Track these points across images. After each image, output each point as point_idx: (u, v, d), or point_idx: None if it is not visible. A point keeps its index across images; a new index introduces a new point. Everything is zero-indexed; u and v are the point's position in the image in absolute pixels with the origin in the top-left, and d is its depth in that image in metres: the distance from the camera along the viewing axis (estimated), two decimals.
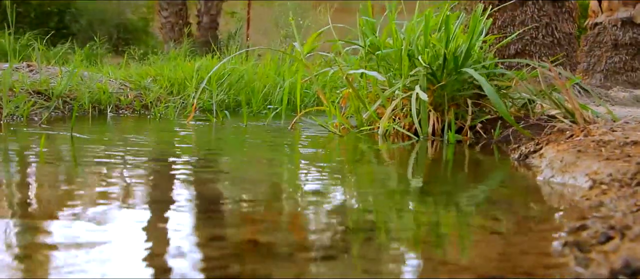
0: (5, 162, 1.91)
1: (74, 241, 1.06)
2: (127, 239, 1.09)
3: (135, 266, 0.95)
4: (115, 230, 1.15)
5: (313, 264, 1.00)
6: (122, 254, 1.01)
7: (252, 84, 4.48)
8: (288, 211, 1.38)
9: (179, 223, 1.23)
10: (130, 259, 0.99)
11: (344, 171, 2.12)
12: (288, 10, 6.51)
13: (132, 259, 0.99)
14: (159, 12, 12.73)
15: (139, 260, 0.98)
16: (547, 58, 5.97)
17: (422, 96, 2.93)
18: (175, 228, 1.19)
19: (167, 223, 1.22)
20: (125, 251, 1.03)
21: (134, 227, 1.18)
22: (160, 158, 2.17)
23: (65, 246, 1.03)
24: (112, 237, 1.10)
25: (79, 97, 3.56)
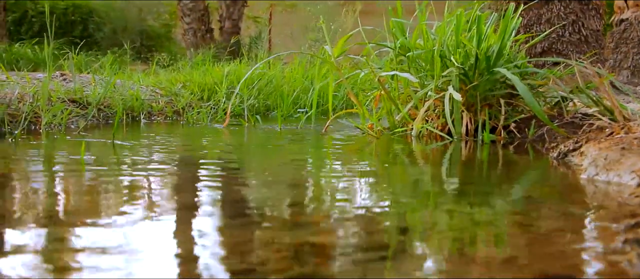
0: (59, 169, 1.95)
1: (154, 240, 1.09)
2: (188, 241, 1.12)
3: (211, 265, 0.97)
4: (178, 232, 1.18)
5: (373, 264, 1.02)
6: (189, 255, 1.03)
7: (281, 88, 4.50)
8: (337, 213, 1.40)
9: (233, 226, 1.25)
10: (199, 259, 1.01)
11: (386, 173, 2.13)
12: (315, 14, 6.53)
13: (201, 259, 1.01)
14: (181, 18, 12.81)
15: (210, 260, 1.00)
16: (574, 56, 5.93)
17: (456, 96, 2.94)
18: (233, 231, 1.21)
19: (226, 228, 1.24)
20: (189, 252, 1.05)
21: (194, 231, 1.21)
22: (205, 163, 2.20)
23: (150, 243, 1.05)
24: (185, 239, 1.12)
25: (113, 105, 3.60)
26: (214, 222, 1.28)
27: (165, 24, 14.58)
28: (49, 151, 2.40)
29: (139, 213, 1.34)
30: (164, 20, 14.61)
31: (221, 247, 1.10)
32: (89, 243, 1.08)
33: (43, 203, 1.43)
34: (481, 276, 0.96)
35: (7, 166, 1.99)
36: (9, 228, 1.18)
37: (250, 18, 13.97)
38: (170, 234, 1.18)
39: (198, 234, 1.18)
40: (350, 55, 3.75)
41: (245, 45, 11.06)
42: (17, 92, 3.25)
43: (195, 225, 1.25)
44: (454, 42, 3.23)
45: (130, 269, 0.95)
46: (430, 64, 3.30)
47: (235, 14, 12.82)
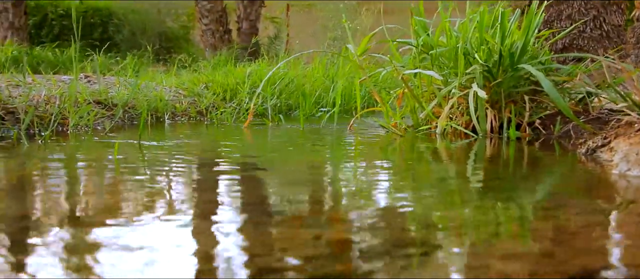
0: (93, 169, 1.97)
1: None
2: (229, 239, 1.13)
3: (244, 261, 0.99)
4: (219, 232, 1.19)
5: (412, 260, 1.02)
6: (229, 252, 1.04)
7: (302, 88, 4.51)
8: (371, 211, 1.40)
9: (269, 223, 1.26)
10: (240, 256, 1.02)
11: (416, 170, 2.14)
12: (332, 13, 6.54)
13: (243, 255, 1.02)
14: (200, 20, 12.85)
15: (251, 256, 1.02)
16: (596, 51, 5.89)
17: (480, 94, 2.93)
18: (270, 229, 1.22)
19: (264, 225, 1.26)
20: (231, 249, 1.06)
21: (235, 227, 1.22)
22: (237, 162, 2.21)
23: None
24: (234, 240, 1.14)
25: (137, 106, 3.63)
26: (255, 219, 1.30)
27: (184, 26, 14.63)
28: (81, 152, 2.43)
29: (179, 210, 1.36)
30: (182, 22, 14.67)
31: (262, 244, 1.12)
32: (135, 239, 1.10)
33: (84, 202, 1.45)
34: (522, 269, 0.97)
35: (43, 167, 2.02)
36: (54, 226, 1.20)
37: (268, 19, 13.97)
38: (214, 231, 1.19)
39: (243, 231, 1.20)
40: (373, 54, 3.75)
41: (265, 45, 11.07)
42: (44, 94, 3.28)
43: (239, 223, 1.27)
44: (477, 39, 3.22)
45: (175, 262, 0.96)
46: (453, 62, 3.30)
47: (253, 14, 12.84)
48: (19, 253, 1.02)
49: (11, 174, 1.87)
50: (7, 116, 2.97)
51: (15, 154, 2.27)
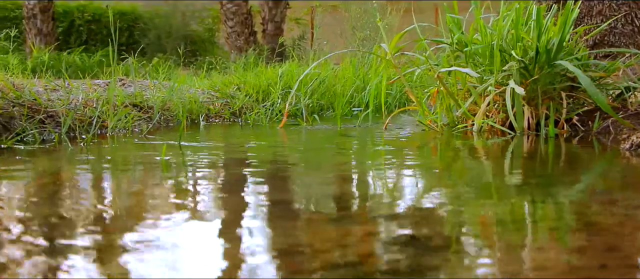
0: (142, 169, 1.99)
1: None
2: (285, 235, 1.14)
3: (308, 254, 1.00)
4: (272, 230, 1.20)
5: (473, 256, 1.03)
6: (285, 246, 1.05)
7: (334, 88, 4.52)
8: (426, 207, 1.41)
9: (327, 220, 1.27)
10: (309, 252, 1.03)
11: (464, 167, 2.14)
12: (361, 13, 6.53)
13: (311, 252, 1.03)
14: (225, 22, 12.92)
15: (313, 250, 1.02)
16: (628, 47, 5.82)
17: (518, 90, 2.91)
18: (329, 225, 1.23)
19: (328, 223, 1.27)
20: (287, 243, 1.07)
21: (291, 223, 1.23)
22: (278, 161, 2.23)
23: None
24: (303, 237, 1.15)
25: (172, 108, 3.66)
26: (313, 217, 1.31)
27: (209, 29, 14.72)
28: (125, 153, 2.46)
29: (231, 207, 1.38)
30: (207, 25, 14.76)
31: (322, 240, 1.12)
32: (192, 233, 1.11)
33: (140, 200, 1.47)
34: (591, 263, 0.96)
35: (94, 168, 2.05)
36: (114, 223, 1.22)
37: (292, 20, 14.02)
38: (274, 227, 1.21)
39: (303, 228, 1.21)
40: (406, 53, 3.74)
41: (295, 46, 11.09)
42: (82, 98, 3.33)
43: (299, 220, 1.28)
44: (512, 36, 3.20)
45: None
46: (488, 59, 3.28)
47: (278, 16, 12.89)
48: (91, 250, 1.04)
49: (66, 175, 1.90)
50: (47, 120, 3.01)
51: (62, 156, 2.31)
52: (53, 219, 1.27)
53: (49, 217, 1.29)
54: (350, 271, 0.93)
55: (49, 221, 1.26)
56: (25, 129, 2.73)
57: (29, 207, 1.40)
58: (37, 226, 1.21)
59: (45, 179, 1.85)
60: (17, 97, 3.02)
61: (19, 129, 2.71)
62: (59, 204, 1.45)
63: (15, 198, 1.52)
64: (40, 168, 2.06)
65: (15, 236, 1.12)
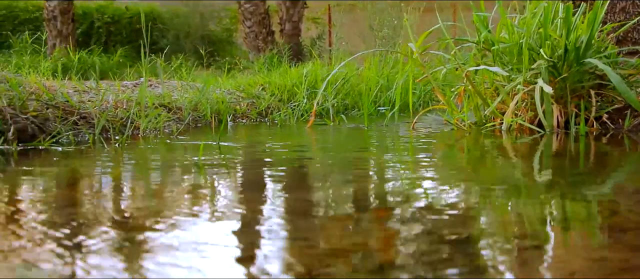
0: (181, 169, 2.02)
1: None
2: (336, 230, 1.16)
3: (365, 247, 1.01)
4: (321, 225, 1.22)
5: (532, 253, 1.04)
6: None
7: (358, 87, 4.54)
8: (471, 205, 1.42)
9: (374, 218, 1.29)
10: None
11: (500, 165, 2.14)
12: (379, 12, 6.55)
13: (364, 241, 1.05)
14: (243, 22, 12.96)
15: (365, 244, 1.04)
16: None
17: (547, 89, 2.92)
18: (378, 223, 1.25)
19: (376, 221, 1.28)
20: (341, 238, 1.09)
21: (345, 222, 1.25)
22: (318, 161, 2.25)
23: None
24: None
25: (200, 109, 3.70)
26: (361, 216, 1.32)
27: (227, 29, 14.79)
28: (162, 153, 2.49)
29: (272, 203, 1.40)
30: (225, 25, 14.83)
31: (366, 235, 1.14)
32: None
33: (184, 198, 1.50)
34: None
35: (135, 168, 2.08)
36: (160, 221, 1.24)
37: (310, 19, 14.05)
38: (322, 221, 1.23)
39: (352, 225, 1.23)
40: (433, 52, 3.75)
41: (313, 46, 11.11)
42: (112, 100, 3.37)
43: (343, 215, 1.30)
44: (541, 35, 3.21)
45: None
46: (516, 58, 3.29)
47: (296, 15, 12.91)
48: (140, 246, 1.07)
49: (109, 175, 1.93)
50: (80, 121, 3.05)
51: (103, 157, 2.34)
52: (117, 216, 1.30)
53: (118, 213, 1.32)
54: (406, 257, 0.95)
55: (117, 216, 1.28)
56: (61, 131, 2.77)
57: (85, 206, 1.43)
58: (103, 221, 1.24)
59: (95, 179, 1.88)
60: (50, 99, 3.06)
61: (55, 131, 2.75)
62: (120, 202, 1.48)
63: (74, 197, 1.55)
64: (87, 168, 2.10)
65: (73, 234, 1.15)
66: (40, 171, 2.05)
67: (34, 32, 13.10)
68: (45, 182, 1.83)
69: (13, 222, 1.29)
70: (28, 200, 1.54)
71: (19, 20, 13.82)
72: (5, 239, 1.14)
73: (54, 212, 1.39)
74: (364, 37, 6.53)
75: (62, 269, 0.94)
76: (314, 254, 1.03)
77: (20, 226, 1.24)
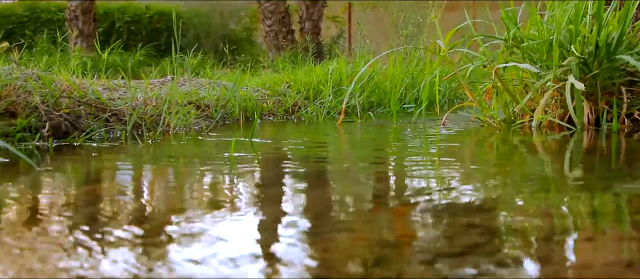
0: (220, 165, 2.04)
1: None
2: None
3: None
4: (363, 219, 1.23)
5: (570, 246, 1.04)
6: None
7: (383, 85, 4.54)
8: (508, 200, 1.42)
9: (421, 212, 1.29)
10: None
11: (537, 162, 2.14)
12: (401, 10, 6.54)
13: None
14: (263, 21, 13.01)
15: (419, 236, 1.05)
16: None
17: (578, 85, 2.90)
18: (424, 216, 1.25)
19: (424, 215, 1.29)
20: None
21: (387, 214, 1.26)
22: (358, 157, 2.25)
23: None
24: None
25: (227, 106, 3.72)
26: (402, 209, 1.33)
27: (247, 28, 14.84)
28: (198, 150, 2.51)
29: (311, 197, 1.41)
30: (245, 24, 14.88)
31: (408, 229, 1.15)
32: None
33: (223, 193, 1.51)
34: None
35: (174, 165, 2.11)
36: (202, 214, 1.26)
37: (330, 18, 14.06)
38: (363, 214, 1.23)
39: (391, 218, 1.23)
40: (460, 49, 3.74)
41: (333, 45, 11.13)
42: (142, 97, 3.39)
43: (389, 211, 1.30)
44: (571, 31, 3.19)
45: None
46: (546, 54, 3.27)
47: (315, 14, 12.94)
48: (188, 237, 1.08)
49: (152, 170, 1.96)
50: (111, 118, 3.08)
51: (140, 153, 2.36)
52: (163, 207, 1.32)
53: (170, 206, 1.33)
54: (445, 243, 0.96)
55: (180, 206, 1.30)
56: (93, 128, 2.79)
57: (146, 198, 1.45)
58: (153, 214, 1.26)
59: (137, 173, 1.91)
60: (81, 97, 3.09)
61: (88, 128, 2.78)
62: (180, 194, 1.50)
63: (122, 191, 1.58)
64: (126, 164, 2.12)
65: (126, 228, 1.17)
66: (88, 165, 2.09)
67: (55, 32, 13.25)
68: (100, 176, 1.87)
69: (87, 210, 1.31)
70: (102, 191, 1.57)
71: (41, 21, 13.95)
72: (89, 223, 1.16)
73: (123, 202, 1.41)
74: (388, 35, 6.53)
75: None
76: (366, 245, 1.04)
77: (94, 218, 1.26)
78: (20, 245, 1.06)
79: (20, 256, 1.00)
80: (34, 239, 1.09)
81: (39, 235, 1.13)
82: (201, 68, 5.43)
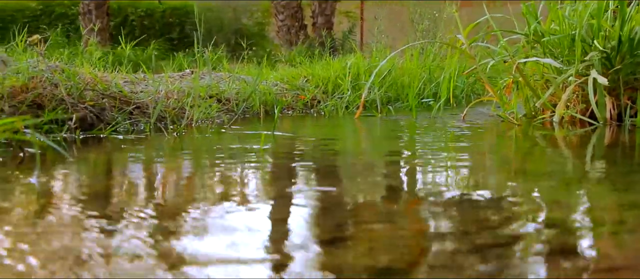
0: (249, 158, 2.05)
1: None
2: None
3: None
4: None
5: (615, 239, 1.05)
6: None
7: (400, 80, 4.55)
8: (545, 195, 1.43)
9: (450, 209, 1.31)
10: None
11: (565, 158, 2.15)
12: (418, 5, 6.54)
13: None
14: (275, 16, 13.02)
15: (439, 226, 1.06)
16: None
17: (601, 80, 2.90)
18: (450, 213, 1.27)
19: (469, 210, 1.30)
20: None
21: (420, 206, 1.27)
22: (381, 152, 2.27)
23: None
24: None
25: (250, 99, 3.73)
26: (434, 201, 1.34)
27: (259, 23, 14.86)
28: (223, 142, 2.52)
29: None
30: (257, 19, 14.90)
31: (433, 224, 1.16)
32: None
33: (256, 185, 1.53)
34: None
35: (208, 157, 2.12)
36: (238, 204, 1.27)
37: (342, 13, 14.06)
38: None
39: (426, 216, 1.24)
40: (481, 44, 3.74)
41: (345, 39, 11.13)
42: (164, 91, 3.41)
43: (423, 203, 1.32)
44: (593, 26, 3.18)
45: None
46: (567, 49, 3.27)
47: (328, 9, 12.93)
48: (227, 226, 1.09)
49: (189, 161, 1.98)
50: (134, 111, 3.10)
51: (166, 145, 2.38)
52: (213, 195, 1.33)
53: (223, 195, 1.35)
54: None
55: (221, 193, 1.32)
56: (118, 120, 2.82)
57: (174, 192, 1.47)
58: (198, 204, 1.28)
59: (171, 164, 1.93)
60: (105, 90, 3.12)
61: (113, 120, 2.81)
62: (220, 183, 1.52)
63: (171, 178, 1.60)
64: (159, 155, 2.15)
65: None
66: (123, 156, 2.12)
67: (69, 26, 13.30)
68: (135, 166, 1.90)
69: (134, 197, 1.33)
70: (143, 180, 1.59)
71: (55, 15, 14.01)
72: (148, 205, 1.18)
73: (170, 189, 1.43)
74: (403, 30, 6.53)
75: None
76: (401, 235, 1.06)
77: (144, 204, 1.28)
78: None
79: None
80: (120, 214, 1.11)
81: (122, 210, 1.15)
82: (218, 62, 5.44)
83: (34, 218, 1.18)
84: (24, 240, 1.01)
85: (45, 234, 1.07)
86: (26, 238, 1.03)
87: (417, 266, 0.89)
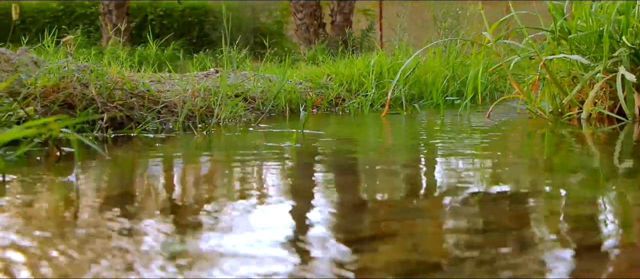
0: (280, 155, 2.07)
1: None
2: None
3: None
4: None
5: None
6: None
7: (423, 78, 4.54)
8: (577, 189, 1.43)
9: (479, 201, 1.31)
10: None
11: (592, 155, 2.15)
12: (442, 4, 6.51)
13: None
14: (294, 15, 13.05)
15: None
16: None
17: (629, 77, 2.88)
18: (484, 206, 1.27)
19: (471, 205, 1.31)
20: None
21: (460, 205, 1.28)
22: (412, 149, 2.27)
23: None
24: None
25: (275, 98, 3.75)
26: (469, 197, 1.35)
27: (278, 21, 14.90)
28: (253, 140, 2.54)
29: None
30: (276, 17, 14.94)
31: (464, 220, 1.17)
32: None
33: (292, 183, 1.54)
34: None
35: (242, 155, 2.15)
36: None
37: (361, 11, 14.07)
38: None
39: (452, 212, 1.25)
40: (506, 41, 3.74)
41: (364, 38, 11.13)
42: (190, 90, 3.43)
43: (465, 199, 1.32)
44: (621, 22, 3.16)
45: None
46: (595, 46, 3.25)
47: (347, 7, 12.94)
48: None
49: (225, 159, 2.00)
50: (162, 110, 3.13)
51: (197, 143, 2.41)
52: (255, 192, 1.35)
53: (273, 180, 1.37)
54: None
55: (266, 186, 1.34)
56: (147, 119, 2.84)
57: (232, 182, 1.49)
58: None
59: (209, 163, 1.96)
60: (133, 89, 3.15)
61: (142, 119, 2.83)
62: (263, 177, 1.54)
63: (216, 176, 1.62)
64: (195, 154, 2.18)
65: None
66: (158, 154, 2.15)
67: (89, 26, 13.41)
68: (177, 164, 1.95)
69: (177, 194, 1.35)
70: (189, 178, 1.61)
71: (76, 15, 14.14)
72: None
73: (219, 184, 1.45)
74: (424, 28, 6.52)
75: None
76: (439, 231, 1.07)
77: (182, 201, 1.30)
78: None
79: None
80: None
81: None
82: (242, 61, 5.46)
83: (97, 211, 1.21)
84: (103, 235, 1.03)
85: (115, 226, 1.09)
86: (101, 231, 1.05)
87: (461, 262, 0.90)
